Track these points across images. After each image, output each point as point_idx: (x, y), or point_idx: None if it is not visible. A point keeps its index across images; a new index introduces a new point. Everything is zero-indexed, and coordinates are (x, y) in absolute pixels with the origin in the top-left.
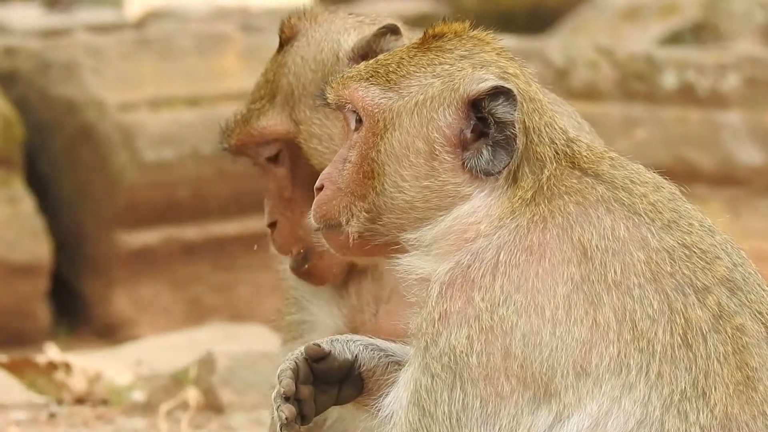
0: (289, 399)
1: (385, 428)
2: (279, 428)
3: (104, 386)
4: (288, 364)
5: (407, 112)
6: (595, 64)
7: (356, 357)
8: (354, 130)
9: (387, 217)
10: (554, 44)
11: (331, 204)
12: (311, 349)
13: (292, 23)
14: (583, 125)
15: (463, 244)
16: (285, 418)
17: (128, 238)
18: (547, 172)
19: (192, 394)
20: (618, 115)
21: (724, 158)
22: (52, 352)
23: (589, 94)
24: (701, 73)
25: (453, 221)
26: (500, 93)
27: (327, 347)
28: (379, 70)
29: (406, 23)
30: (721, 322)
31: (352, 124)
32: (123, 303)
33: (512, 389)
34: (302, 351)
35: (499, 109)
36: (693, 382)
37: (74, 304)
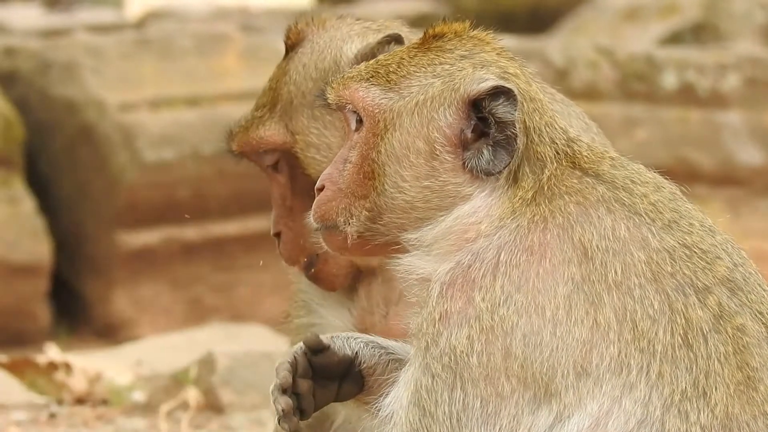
0: (286, 392)
1: (385, 428)
2: (277, 421)
3: (104, 386)
4: (286, 358)
5: (408, 112)
6: (596, 65)
7: (357, 354)
8: (354, 131)
9: (387, 217)
10: (554, 44)
11: (332, 204)
12: (310, 339)
13: (299, 29)
14: (591, 126)
15: (463, 244)
16: (282, 409)
17: (128, 238)
18: (548, 172)
19: (192, 395)
20: (618, 116)
21: (724, 158)
22: (52, 352)
23: (590, 94)
24: (701, 73)
25: (454, 221)
26: (501, 93)
27: (327, 342)
28: (380, 71)
29: (406, 23)
30: (721, 322)
31: (353, 124)
32: (123, 303)
33: (513, 389)
34: (301, 344)
35: (499, 109)
36: (694, 382)
37: (74, 305)
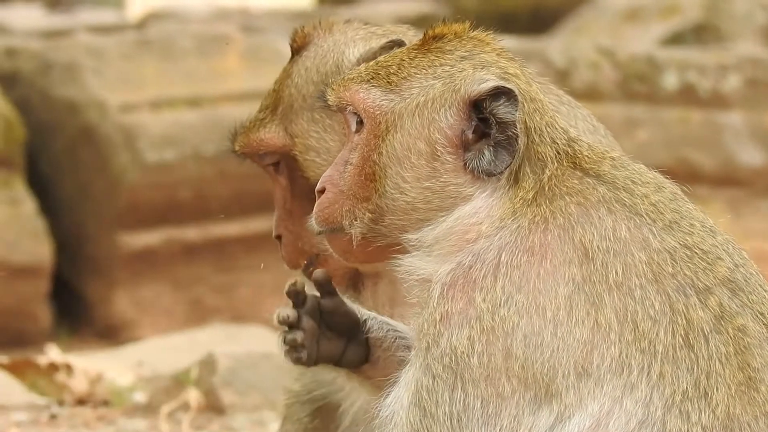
0: (292, 326)
1: (385, 428)
2: (282, 341)
3: (105, 387)
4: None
5: (408, 113)
6: (596, 65)
7: (365, 321)
8: (355, 133)
9: (389, 219)
10: (555, 45)
11: (333, 207)
12: (320, 273)
13: (305, 32)
14: (598, 128)
15: (464, 245)
16: (286, 315)
17: (129, 239)
18: (548, 172)
19: (193, 395)
20: (619, 116)
21: (725, 159)
22: (53, 353)
23: (591, 94)
24: (702, 74)
25: (454, 222)
26: (501, 93)
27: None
28: (380, 72)
29: (411, 27)
30: (722, 322)
31: (353, 126)
32: (124, 304)
33: (513, 390)
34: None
35: (500, 110)
36: (695, 382)
37: (75, 305)
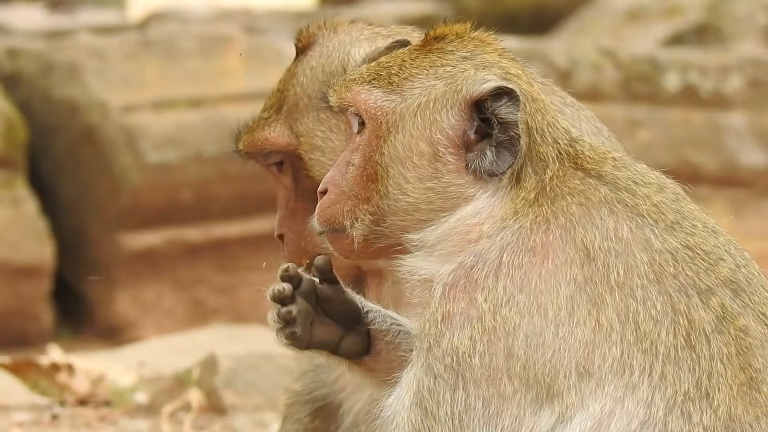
0: (285, 302)
1: (387, 429)
2: (276, 314)
3: (107, 388)
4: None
5: (410, 114)
6: (598, 66)
7: (367, 312)
8: (357, 133)
9: (391, 219)
10: (557, 45)
11: (335, 207)
12: (321, 258)
13: (310, 32)
14: (602, 130)
15: (466, 245)
16: (281, 288)
17: (131, 240)
18: (550, 173)
19: (195, 396)
20: (621, 117)
21: (727, 160)
22: (54, 353)
23: (592, 95)
24: (704, 75)
25: (456, 222)
26: (503, 93)
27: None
28: (382, 73)
29: (408, 24)
30: (724, 323)
31: (355, 127)
32: (126, 304)
33: (515, 390)
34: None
35: (502, 110)
36: (696, 383)
37: (77, 306)
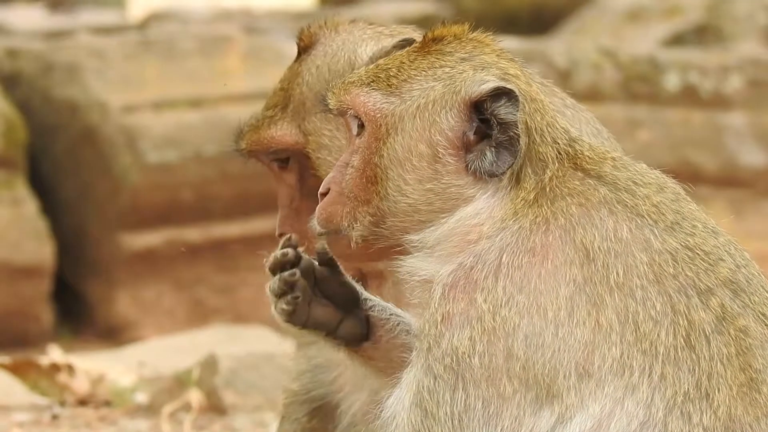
0: (286, 269)
1: (387, 429)
2: (277, 280)
3: (107, 388)
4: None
5: (409, 116)
6: (598, 66)
7: (366, 300)
8: (356, 136)
9: (390, 221)
10: (557, 46)
11: (335, 209)
12: (321, 245)
13: (312, 32)
14: (601, 131)
15: (466, 246)
16: (285, 251)
17: (131, 240)
18: (549, 173)
19: (195, 396)
20: (621, 117)
21: (727, 160)
22: (55, 353)
23: (592, 95)
24: (704, 75)
25: (456, 223)
26: (502, 94)
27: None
28: (380, 75)
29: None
30: (724, 323)
31: (355, 129)
32: (126, 304)
33: (514, 390)
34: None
35: (501, 110)
36: (696, 383)
37: (77, 306)
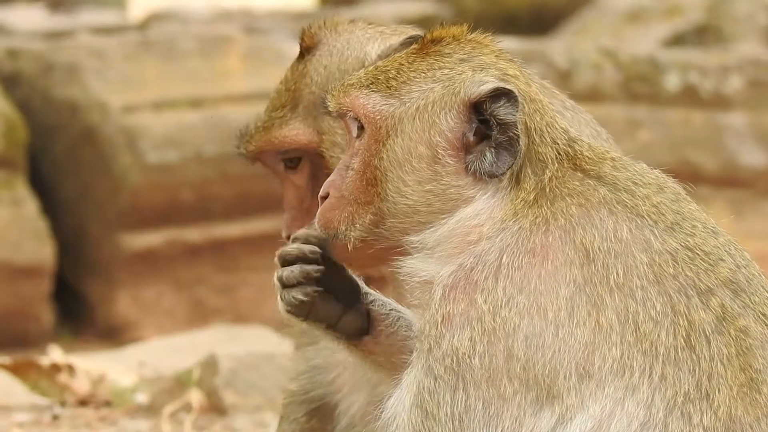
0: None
1: (388, 430)
2: (296, 272)
3: (107, 388)
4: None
5: (409, 117)
6: (599, 66)
7: (367, 294)
8: (356, 138)
9: (390, 222)
10: (557, 46)
11: (336, 212)
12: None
13: (313, 32)
14: (600, 133)
15: (466, 247)
16: (312, 248)
17: (131, 240)
18: (549, 173)
19: (195, 396)
20: (621, 117)
21: (727, 160)
22: (55, 353)
23: (593, 95)
24: (704, 75)
25: (456, 224)
26: (501, 94)
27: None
28: (379, 77)
29: (408, 24)
30: (724, 324)
31: (354, 131)
32: (126, 305)
33: (515, 391)
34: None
35: (501, 111)
36: (696, 384)
37: (77, 306)
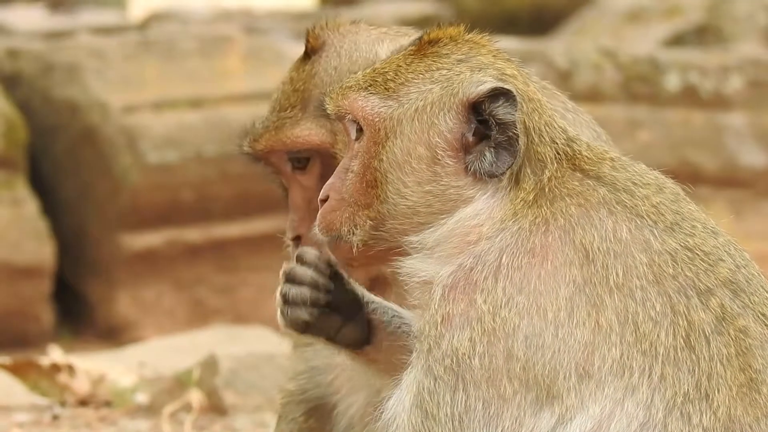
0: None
1: (388, 431)
2: (282, 315)
3: (107, 388)
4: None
5: (408, 119)
6: (599, 66)
7: (368, 303)
8: (355, 140)
9: (390, 223)
10: (557, 46)
11: (336, 215)
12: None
13: (317, 33)
14: (600, 134)
15: (465, 247)
16: (324, 271)
17: (131, 240)
18: (548, 173)
19: (195, 396)
20: (621, 117)
21: (727, 160)
22: (55, 353)
23: (593, 96)
24: (704, 75)
25: (455, 224)
26: (500, 94)
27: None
28: (378, 79)
29: (407, 24)
30: (724, 324)
31: (353, 134)
32: (126, 305)
33: (515, 391)
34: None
35: (499, 111)
36: (696, 384)
37: (77, 306)
